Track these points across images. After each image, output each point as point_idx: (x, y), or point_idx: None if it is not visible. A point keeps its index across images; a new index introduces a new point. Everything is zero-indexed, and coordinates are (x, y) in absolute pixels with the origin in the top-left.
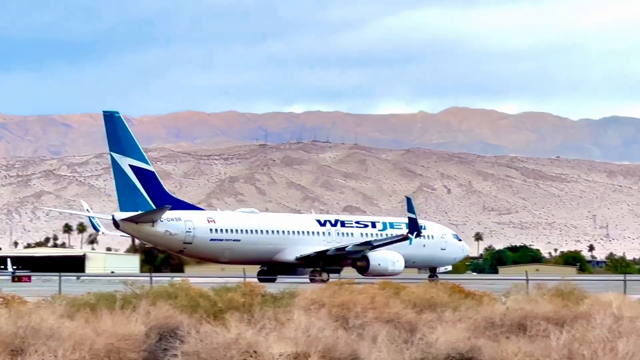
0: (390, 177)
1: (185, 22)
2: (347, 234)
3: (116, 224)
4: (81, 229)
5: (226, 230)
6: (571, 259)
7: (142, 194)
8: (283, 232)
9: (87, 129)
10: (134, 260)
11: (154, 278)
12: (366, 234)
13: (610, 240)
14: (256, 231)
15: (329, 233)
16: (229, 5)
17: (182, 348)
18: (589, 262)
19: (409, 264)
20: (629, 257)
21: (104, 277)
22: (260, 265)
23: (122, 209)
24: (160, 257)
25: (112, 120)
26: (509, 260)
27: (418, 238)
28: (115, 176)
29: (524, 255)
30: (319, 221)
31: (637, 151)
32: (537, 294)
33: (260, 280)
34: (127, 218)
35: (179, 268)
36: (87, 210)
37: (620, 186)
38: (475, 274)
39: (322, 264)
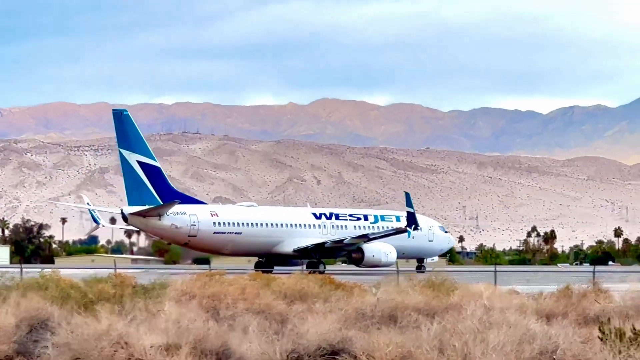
0: (260, 168)
1: (54, 13)
2: (342, 226)
3: (125, 218)
4: None
5: (228, 223)
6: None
7: (149, 189)
8: (281, 225)
9: None
10: (4, 252)
11: (24, 269)
12: (359, 227)
13: (480, 232)
14: (256, 224)
15: (325, 226)
16: None
17: (53, 339)
18: (459, 253)
19: (399, 255)
20: (498, 248)
21: None
22: (258, 257)
23: (131, 203)
24: (30, 248)
25: (120, 118)
26: None
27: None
28: (123, 172)
29: None
30: (314, 214)
31: (507, 142)
32: (407, 285)
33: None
34: (135, 212)
35: (49, 259)
36: (88, 203)
37: (490, 177)
38: (345, 265)
39: (318, 255)
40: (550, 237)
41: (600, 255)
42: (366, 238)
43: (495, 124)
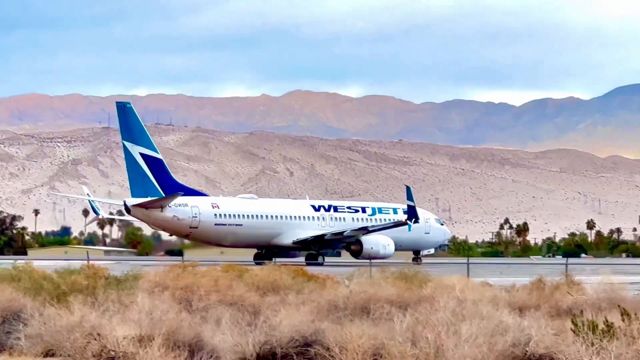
0: (233, 160)
1: (27, 5)
2: (340, 218)
3: (127, 209)
4: None
5: (229, 215)
6: None
7: (152, 181)
8: (281, 217)
9: None
10: None
11: None
12: (357, 219)
13: (452, 224)
14: (256, 216)
15: (324, 218)
16: None
17: (26, 331)
18: None
19: (396, 247)
20: (471, 240)
21: None
22: (257, 249)
23: (134, 195)
24: (3, 240)
25: (124, 111)
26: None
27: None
28: (127, 164)
29: None
30: (313, 206)
31: (480, 135)
32: (380, 278)
33: (257, 263)
34: (138, 204)
35: (22, 251)
36: (88, 194)
37: (462, 170)
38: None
39: (317, 247)
40: (522, 229)
41: (573, 248)
42: (365, 230)
43: (468, 117)
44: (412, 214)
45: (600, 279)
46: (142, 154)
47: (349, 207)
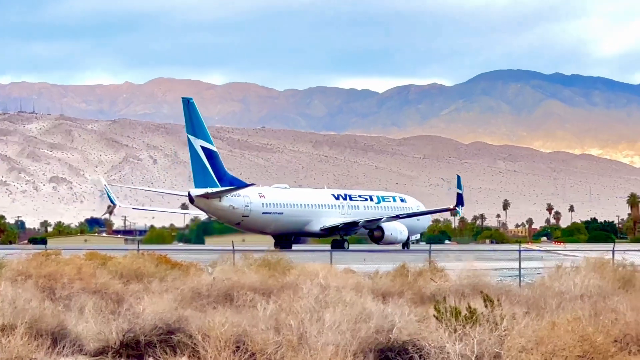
0: (96, 147)
1: None
2: (355, 206)
3: (191, 200)
4: None
5: (274, 204)
6: None
7: (210, 172)
8: (312, 205)
9: None
10: None
11: None
12: (367, 207)
13: None
14: (294, 205)
15: (342, 206)
16: None
17: None
18: None
19: None
20: None
21: None
22: (273, 237)
23: (197, 186)
24: None
25: (188, 106)
26: (216, 231)
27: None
28: (191, 156)
29: (230, 226)
30: (334, 195)
31: (343, 121)
32: (243, 265)
33: (281, 249)
34: (201, 194)
35: None
36: (105, 185)
37: (326, 156)
38: (181, 244)
39: (343, 234)
40: None
41: (437, 234)
42: (397, 217)
43: (331, 103)
44: (460, 201)
45: (464, 265)
46: (202, 147)
47: (360, 196)
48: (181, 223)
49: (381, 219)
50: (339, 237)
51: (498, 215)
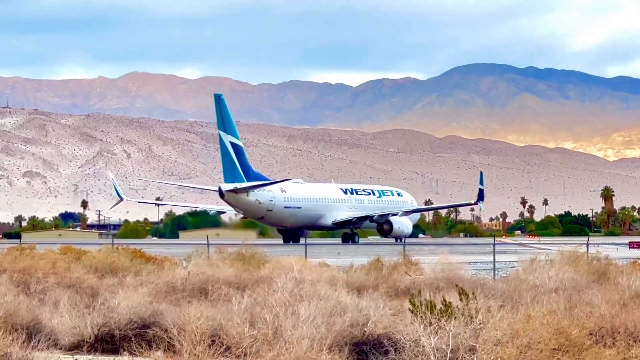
0: (70, 142)
1: None
2: (361, 200)
3: (221, 194)
4: None
5: (294, 199)
6: (250, 224)
7: (238, 167)
8: (325, 200)
9: None
10: None
11: None
12: (370, 201)
13: None
14: (311, 199)
15: (350, 200)
16: None
17: None
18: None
19: None
20: None
21: None
22: (280, 231)
23: (227, 181)
24: None
25: (219, 102)
26: (190, 225)
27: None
28: (221, 152)
29: (204, 220)
30: (342, 190)
31: (317, 115)
32: (218, 259)
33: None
34: (231, 189)
35: None
36: (112, 179)
37: (299, 150)
38: (155, 238)
39: (353, 227)
40: None
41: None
42: (410, 212)
43: (304, 97)
44: (481, 196)
45: (438, 258)
46: (232, 143)
47: (364, 190)
48: (155, 217)
49: (389, 213)
50: (349, 230)
51: (472, 209)
